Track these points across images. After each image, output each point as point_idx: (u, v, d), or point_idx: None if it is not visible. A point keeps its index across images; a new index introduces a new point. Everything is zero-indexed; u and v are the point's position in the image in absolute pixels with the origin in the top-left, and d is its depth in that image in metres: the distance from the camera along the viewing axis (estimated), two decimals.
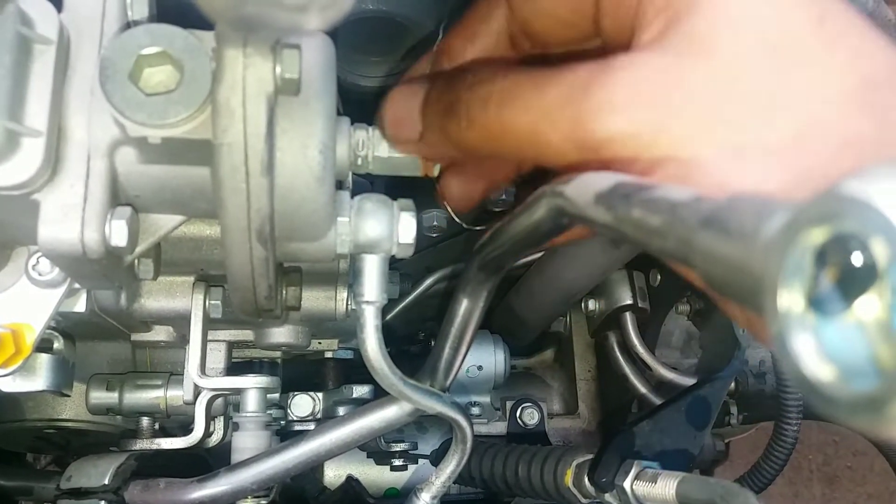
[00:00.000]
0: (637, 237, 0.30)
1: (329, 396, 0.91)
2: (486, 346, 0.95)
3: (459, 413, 0.60)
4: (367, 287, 0.50)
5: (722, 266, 0.24)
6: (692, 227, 0.26)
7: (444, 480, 0.64)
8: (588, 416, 1.06)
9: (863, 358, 0.20)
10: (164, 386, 0.69)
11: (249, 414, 0.65)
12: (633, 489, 0.62)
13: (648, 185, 0.30)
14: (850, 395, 0.20)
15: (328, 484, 0.95)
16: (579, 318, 1.08)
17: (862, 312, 0.20)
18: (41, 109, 0.40)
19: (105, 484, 0.65)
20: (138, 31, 0.39)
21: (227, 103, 0.37)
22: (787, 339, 0.21)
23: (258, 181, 0.39)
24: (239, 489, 0.60)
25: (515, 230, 0.45)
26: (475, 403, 0.97)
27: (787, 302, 0.21)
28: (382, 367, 0.52)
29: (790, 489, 2.21)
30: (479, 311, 0.56)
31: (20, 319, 0.49)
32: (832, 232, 0.20)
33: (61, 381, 0.59)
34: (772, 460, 1.06)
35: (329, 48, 0.45)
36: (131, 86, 0.39)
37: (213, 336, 0.68)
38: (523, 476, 0.76)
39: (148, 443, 0.71)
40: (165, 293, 0.61)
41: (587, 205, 0.34)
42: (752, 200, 0.24)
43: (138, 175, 0.44)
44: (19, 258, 0.50)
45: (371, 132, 0.49)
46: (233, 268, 0.45)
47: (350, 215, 0.48)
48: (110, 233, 0.42)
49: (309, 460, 0.60)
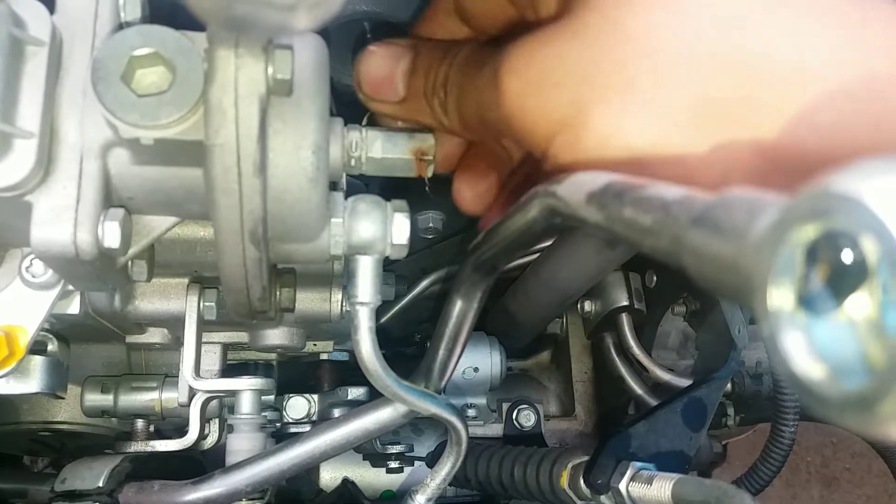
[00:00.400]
0: (629, 236, 0.30)
1: (324, 398, 0.91)
2: (482, 348, 0.94)
3: (454, 415, 0.60)
4: (361, 288, 0.50)
5: (713, 264, 0.24)
6: (683, 226, 0.25)
7: (440, 482, 0.64)
8: (584, 417, 1.06)
9: (853, 356, 0.20)
10: (159, 388, 0.69)
11: (244, 416, 0.65)
12: (629, 491, 0.62)
13: (640, 183, 0.30)
14: (841, 394, 0.20)
15: (324, 486, 0.94)
16: (575, 319, 1.08)
17: (852, 310, 0.20)
18: (33, 111, 0.40)
19: (99, 486, 0.65)
20: (130, 32, 0.39)
21: (219, 104, 0.37)
22: (778, 338, 0.21)
23: (251, 182, 0.39)
24: (234, 491, 0.60)
25: (509, 230, 0.45)
26: (471, 405, 0.97)
27: (778, 300, 0.21)
28: (377, 369, 0.52)
29: (788, 491, 2.21)
30: (474, 313, 0.56)
31: (13, 321, 0.49)
32: (822, 229, 0.20)
33: (55, 384, 0.59)
34: (769, 462, 1.06)
35: (321, 49, 0.45)
36: (123, 87, 0.38)
37: (207, 338, 0.68)
38: (519, 478, 0.75)
39: (143, 445, 0.71)
40: (159, 295, 0.61)
41: (579, 204, 0.34)
42: (744, 198, 0.24)
43: (131, 176, 0.44)
44: (13, 260, 0.49)
45: (364, 133, 0.49)
46: (226, 269, 0.45)
47: (344, 216, 0.48)
48: (103, 234, 0.42)
49: (304, 462, 0.60)
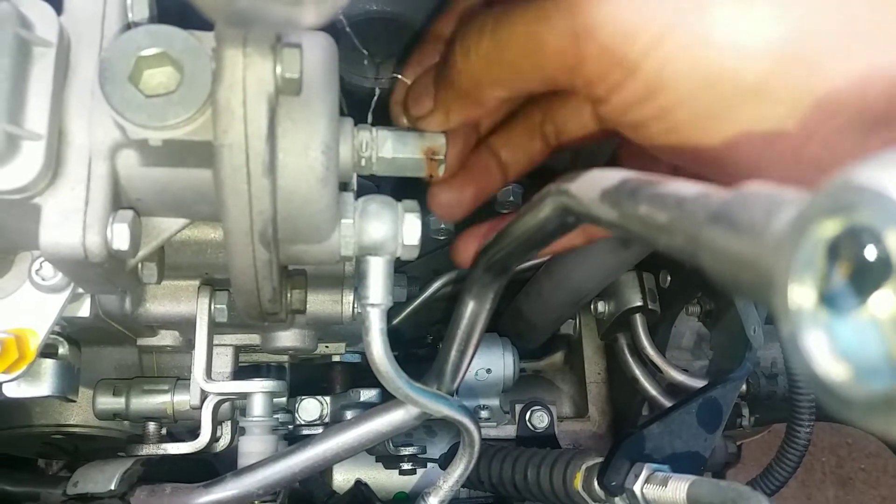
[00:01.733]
0: (644, 234, 0.29)
1: (336, 400, 0.91)
2: (494, 349, 0.94)
3: (466, 416, 0.59)
4: (372, 290, 0.49)
5: (731, 262, 0.24)
6: (700, 223, 0.25)
7: (453, 484, 0.64)
8: (598, 419, 1.05)
9: (878, 356, 0.19)
10: (171, 391, 0.69)
11: (256, 418, 0.65)
12: (644, 493, 0.61)
13: (655, 180, 0.29)
14: (865, 395, 0.19)
15: (337, 488, 0.94)
16: (589, 320, 1.07)
17: (876, 308, 0.19)
18: (41, 112, 0.40)
19: (111, 489, 0.65)
20: (138, 32, 0.39)
21: (227, 104, 0.37)
22: (799, 337, 0.20)
23: (260, 183, 0.39)
24: (245, 494, 0.59)
25: (521, 230, 0.44)
26: (484, 407, 0.96)
27: (799, 298, 0.20)
28: (388, 371, 0.51)
29: (803, 491, 2.19)
30: (486, 314, 0.56)
31: (23, 325, 0.49)
32: (844, 224, 0.19)
33: (66, 387, 0.59)
34: (784, 463, 1.04)
35: (331, 48, 0.44)
36: (131, 87, 0.38)
37: (219, 340, 0.68)
38: (532, 480, 0.75)
39: (155, 448, 0.71)
40: (170, 297, 0.61)
41: (593, 202, 0.33)
42: (762, 194, 0.23)
43: (140, 178, 0.44)
44: (22, 263, 0.49)
45: (375, 133, 0.49)
46: (236, 271, 0.45)
47: (354, 217, 0.48)
48: (112, 236, 0.42)
49: (316, 465, 0.59)
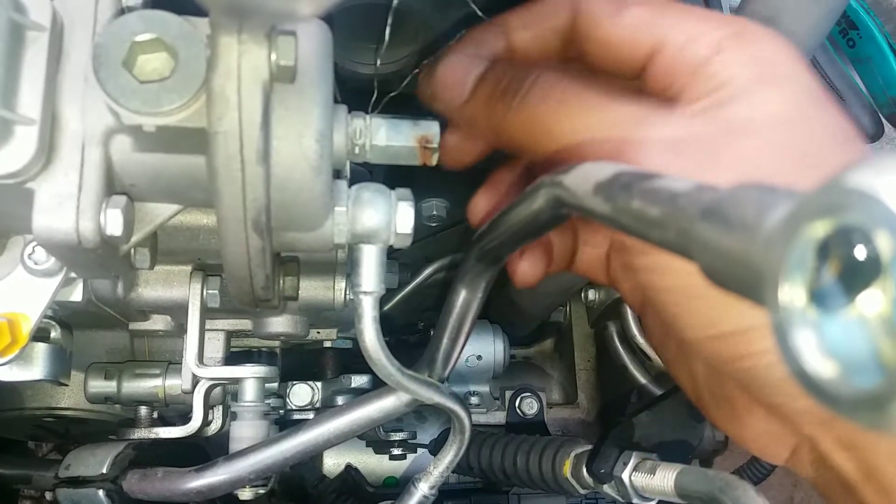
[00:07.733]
0: (636, 228, 0.29)
1: (328, 386, 0.91)
2: (485, 336, 0.94)
3: (457, 403, 0.60)
4: (365, 277, 0.49)
5: (722, 258, 0.24)
6: (692, 218, 0.25)
7: (443, 470, 0.64)
8: (587, 405, 1.06)
9: (865, 354, 0.19)
10: (163, 375, 0.69)
11: (247, 403, 0.65)
12: (632, 480, 0.62)
13: (649, 174, 0.30)
14: (852, 393, 0.19)
15: (327, 472, 0.95)
16: (579, 308, 1.08)
17: (865, 307, 0.19)
18: (34, 97, 0.40)
19: (103, 473, 0.65)
20: (132, 17, 0.39)
21: (221, 91, 0.37)
22: (788, 334, 0.20)
23: (254, 170, 0.39)
24: (237, 478, 0.60)
25: (514, 220, 0.44)
26: (474, 393, 0.97)
27: (788, 296, 0.20)
28: (380, 358, 0.52)
29: (789, 479, 2.21)
30: (478, 302, 0.56)
31: (16, 309, 0.49)
32: (835, 224, 0.19)
33: (58, 371, 0.59)
34: None
35: (325, 35, 0.44)
36: (125, 73, 0.38)
37: (210, 325, 0.68)
38: (522, 466, 0.76)
39: (146, 432, 0.71)
40: (163, 282, 0.61)
41: (586, 195, 0.33)
42: (755, 191, 0.23)
43: (133, 164, 0.43)
44: (15, 247, 0.49)
45: (369, 120, 0.49)
46: (229, 257, 0.45)
47: (347, 205, 0.48)
48: (105, 222, 0.42)
49: (307, 450, 0.60)
